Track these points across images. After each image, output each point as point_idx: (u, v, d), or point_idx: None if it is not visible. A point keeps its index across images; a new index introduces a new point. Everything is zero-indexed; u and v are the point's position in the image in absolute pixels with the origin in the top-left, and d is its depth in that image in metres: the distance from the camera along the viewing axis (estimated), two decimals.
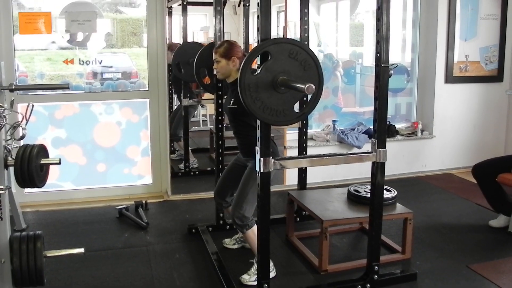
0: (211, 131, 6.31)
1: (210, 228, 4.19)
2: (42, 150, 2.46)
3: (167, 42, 5.35)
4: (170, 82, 5.66)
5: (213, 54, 3.45)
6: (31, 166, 2.33)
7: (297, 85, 2.55)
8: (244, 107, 2.68)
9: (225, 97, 3.89)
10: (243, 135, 3.46)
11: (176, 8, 6.32)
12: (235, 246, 3.95)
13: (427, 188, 5.52)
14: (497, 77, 6.11)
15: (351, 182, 4.91)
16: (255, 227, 3.35)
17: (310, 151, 4.69)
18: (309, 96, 2.77)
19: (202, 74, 4.77)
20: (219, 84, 4.03)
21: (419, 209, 4.67)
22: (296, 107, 2.83)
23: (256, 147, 2.82)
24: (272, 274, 3.37)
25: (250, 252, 3.62)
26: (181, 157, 6.17)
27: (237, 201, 3.38)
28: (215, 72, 3.54)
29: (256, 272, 3.23)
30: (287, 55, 2.67)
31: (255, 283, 3.20)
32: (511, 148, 6.19)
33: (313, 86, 2.48)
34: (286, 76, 2.65)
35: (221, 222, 4.22)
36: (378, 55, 3.02)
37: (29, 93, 4.81)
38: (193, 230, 4.20)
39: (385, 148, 3.12)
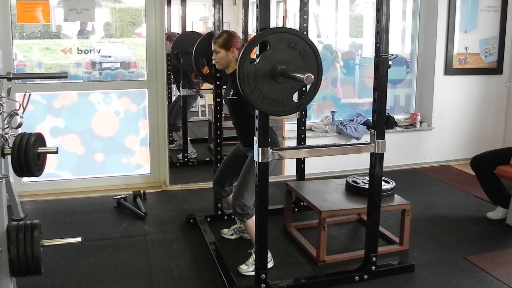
0: (209, 121, 6.29)
1: (208, 218, 4.19)
2: (39, 139, 2.45)
3: (166, 32, 5.33)
4: (169, 72, 5.64)
5: (212, 44, 3.43)
6: (28, 154, 2.32)
7: (296, 75, 2.54)
8: (243, 98, 2.67)
9: (224, 87, 3.88)
10: (243, 125, 3.45)
11: None
12: (233, 237, 3.95)
13: (425, 180, 5.53)
14: (496, 69, 6.10)
15: (350, 173, 4.90)
16: (254, 216, 3.35)
17: (309, 142, 4.68)
18: (308, 86, 2.76)
19: (201, 64, 4.75)
20: (218, 74, 4.02)
21: (417, 201, 4.68)
22: (295, 97, 2.82)
23: (254, 137, 2.82)
24: (270, 265, 3.37)
25: (248, 243, 3.63)
26: (179, 147, 6.16)
27: (238, 190, 3.38)
28: (214, 63, 3.52)
29: (254, 262, 3.24)
30: (286, 44, 2.66)
31: (253, 273, 3.20)
32: (510, 141, 6.18)
33: (312, 76, 2.47)
34: (285, 66, 2.65)
35: (219, 212, 4.22)
36: (378, 45, 3.01)
37: (28, 82, 4.78)
38: (191, 220, 4.20)
39: (383, 139, 3.12)
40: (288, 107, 2.78)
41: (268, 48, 2.64)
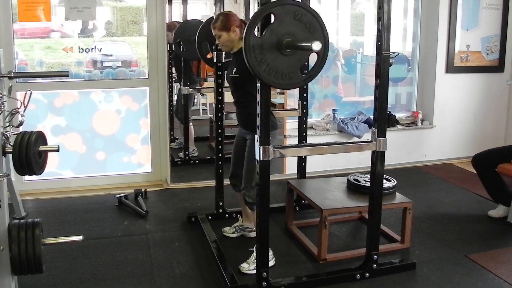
0: (211, 120, 6.30)
1: (210, 217, 4.19)
2: (40, 137, 2.45)
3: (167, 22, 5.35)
4: (170, 65, 5.69)
5: (212, 30, 3.44)
6: (29, 153, 2.32)
7: (303, 43, 2.55)
8: (246, 76, 2.68)
9: (226, 86, 3.87)
10: (244, 105, 3.46)
11: None
12: (235, 235, 3.94)
13: (427, 178, 5.52)
14: (498, 67, 6.09)
15: (351, 171, 4.90)
16: (256, 215, 3.36)
17: (310, 140, 4.69)
18: (316, 59, 2.76)
19: (204, 49, 4.77)
20: (219, 72, 4.01)
21: (419, 199, 4.67)
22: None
23: (255, 135, 2.82)
24: (271, 263, 3.38)
25: (249, 241, 3.63)
26: (181, 146, 6.18)
27: (245, 180, 3.40)
28: (219, 47, 3.51)
29: (255, 260, 3.25)
30: (292, 17, 2.66)
31: (254, 271, 3.21)
32: (511, 139, 6.18)
33: (320, 43, 2.48)
34: (291, 38, 2.65)
35: (221, 210, 4.22)
36: (379, 43, 3.00)
37: (29, 81, 4.79)
38: (193, 219, 4.20)
39: (385, 137, 3.12)
40: (294, 80, 2.78)
41: (274, 20, 2.64)
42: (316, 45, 2.46)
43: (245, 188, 3.44)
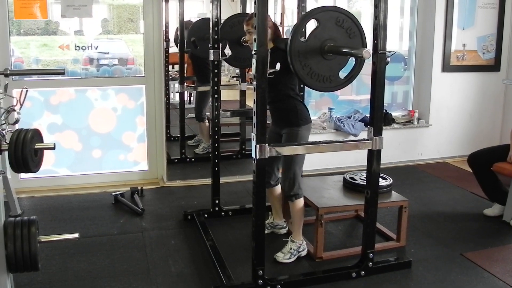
0: (207, 118, 6.30)
1: (206, 215, 4.19)
2: (36, 135, 2.44)
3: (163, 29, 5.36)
4: (167, 60, 5.87)
5: (245, 26, 3.50)
6: (25, 150, 2.31)
7: (352, 51, 2.69)
8: (279, 76, 2.82)
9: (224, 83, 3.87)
10: (279, 103, 3.45)
11: None
12: (265, 231, 3.89)
13: (423, 177, 5.54)
14: (494, 66, 6.10)
15: (347, 169, 4.91)
16: (302, 199, 3.47)
17: None
18: (353, 63, 2.90)
19: (223, 46, 4.79)
20: (216, 70, 4.02)
21: (415, 197, 4.69)
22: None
23: (252, 133, 2.83)
24: (304, 253, 3.55)
25: (244, 240, 3.61)
26: (198, 143, 6.19)
27: (286, 172, 3.43)
28: (248, 44, 3.54)
29: (290, 250, 3.43)
30: (334, 22, 2.80)
31: (289, 260, 3.40)
32: (507, 138, 6.15)
33: (370, 51, 2.62)
34: (333, 43, 2.79)
35: (217, 208, 4.22)
36: (376, 42, 3.01)
37: (25, 79, 4.77)
38: (189, 217, 4.20)
39: (381, 135, 3.12)
40: (334, 83, 2.94)
41: (317, 26, 2.78)
42: (366, 53, 2.60)
43: (284, 181, 3.46)
